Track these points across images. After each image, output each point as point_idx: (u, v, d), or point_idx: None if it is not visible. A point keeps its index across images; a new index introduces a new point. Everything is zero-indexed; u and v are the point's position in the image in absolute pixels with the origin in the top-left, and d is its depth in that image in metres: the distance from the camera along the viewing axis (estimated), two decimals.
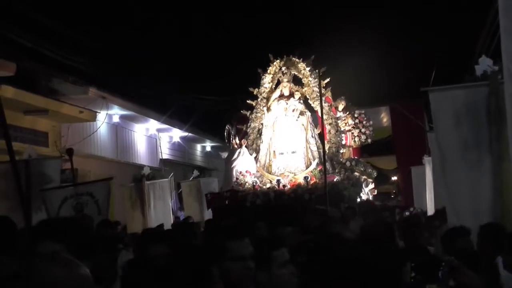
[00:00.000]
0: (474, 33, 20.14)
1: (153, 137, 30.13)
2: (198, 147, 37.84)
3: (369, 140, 19.60)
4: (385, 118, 27.22)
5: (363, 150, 19.89)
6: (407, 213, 16.09)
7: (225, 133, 18.69)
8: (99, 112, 23.09)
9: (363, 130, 19.27)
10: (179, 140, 32.64)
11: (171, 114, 28.14)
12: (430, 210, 15.03)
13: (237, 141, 18.32)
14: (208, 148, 38.08)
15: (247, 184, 17.46)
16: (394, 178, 27.30)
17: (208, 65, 29.88)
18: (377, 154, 26.22)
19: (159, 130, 29.95)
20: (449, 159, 7.27)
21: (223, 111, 26.04)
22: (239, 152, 18.06)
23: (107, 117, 24.31)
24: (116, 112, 25.20)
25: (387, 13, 27.74)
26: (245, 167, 17.89)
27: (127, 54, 26.68)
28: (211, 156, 37.63)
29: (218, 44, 30.14)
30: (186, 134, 31.86)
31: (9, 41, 18.22)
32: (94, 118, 22.75)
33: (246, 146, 18.33)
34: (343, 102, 19.25)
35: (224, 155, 19.26)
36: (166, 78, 28.09)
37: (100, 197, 10.76)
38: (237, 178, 17.70)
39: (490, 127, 7.06)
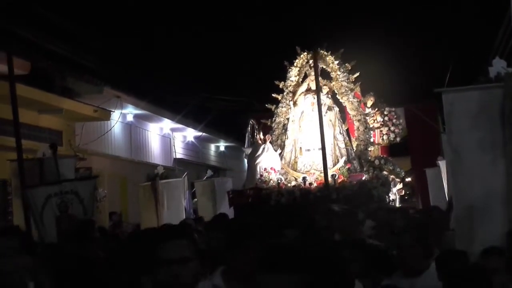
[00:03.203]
0: (490, 35, 20.08)
1: (167, 137, 30.18)
2: (212, 147, 37.88)
3: (398, 139, 19.00)
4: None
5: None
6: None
7: (249, 128, 18.20)
8: (114, 111, 23.14)
9: (392, 128, 18.66)
10: (193, 139, 32.69)
11: (185, 114, 28.14)
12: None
13: (261, 137, 17.65)
14: (222, 148, 38.12)
15: (271, 181, 16.88)
16: (408, 179, 27.13)
17: (224, 64, 29.92)
18: (392, 155, 26.13)
19: (173, 130, 30.01)
20: (462, 161, 7.22)
21: (237, 112, 26.07)
22: (263, 148, 17.45)
23: (121, 116, 24.38)
24: (130, 111, 25.26)
25: (404, 15, 27.70)
26: (269, 163, 17.30)
27: (142, 53, 26.75)
28: (225, 156, 37.67)
29: (235, 43, 30.15)
30: (200, 133, 31.88)
31: (24, 39, 18.29)
32: (108, 117, 22.80)
33: (270, 142, 17.70)
34: (372, 98, 18.55)
35: (248, 151, 18.81)
36: (181, 78, 28.15)
37: (86, 196, 10.18)
38: (261, 175, 17.10)
39: (504, 130, 7.01)
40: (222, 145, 37.83)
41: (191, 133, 31.89)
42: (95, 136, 22.53)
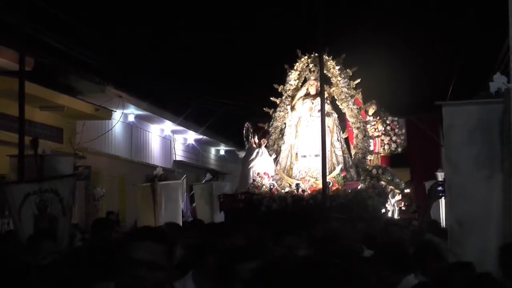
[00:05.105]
0: (494, 49, 20.08)
1: (168, 138, 30.19)
2: (212, 150, 37.88)
3: (399, 149, 18.65)
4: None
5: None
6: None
7: (244, 131, 17.93)
8: (115, 111, 23.16)
9: (394, 138, 18.41)
10: (193, 142, 32.70)
11: (186, 116, 28.17)
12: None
13: (256, 140, 17.42)
14: (222, 152, 38.12)
15: (264, 187, 16.55)
16: (407, 190, 27.12)
17: (228, 69, 29.99)
18: (392, 166, 26.10)
19: (174, 132, 30.02)
20: (459, 174, 7.24)
21: (239, 116, 26.08)
22: (258, 152, 17.18)
23: (122, 116, 24.39)
24: (132, 112, 25.28)
25: (409, 27, 27.73)
26: (263, 168, 16.97)
27: (146, 55, 26.81)
28: (224, 160, 37.67)
29: (240, 48, 30.23)
30: (200, 137, 31.90)
31: (28, 36, 18.29)
32: (109, 117, 22.82)
33: (266, 146, 17.40)
34: (374, 106, 18.34)
35: (242, 154, 18.50)
36: (184, 80, 28.22)
37: (65, 195, 9.76)
38: (253, 180, 16.79)
39: (502, 145, 7.02)
40: (222, 149, 37.83)
41: (191, 136, 31.91)
42: (95, 135, 22.53)
